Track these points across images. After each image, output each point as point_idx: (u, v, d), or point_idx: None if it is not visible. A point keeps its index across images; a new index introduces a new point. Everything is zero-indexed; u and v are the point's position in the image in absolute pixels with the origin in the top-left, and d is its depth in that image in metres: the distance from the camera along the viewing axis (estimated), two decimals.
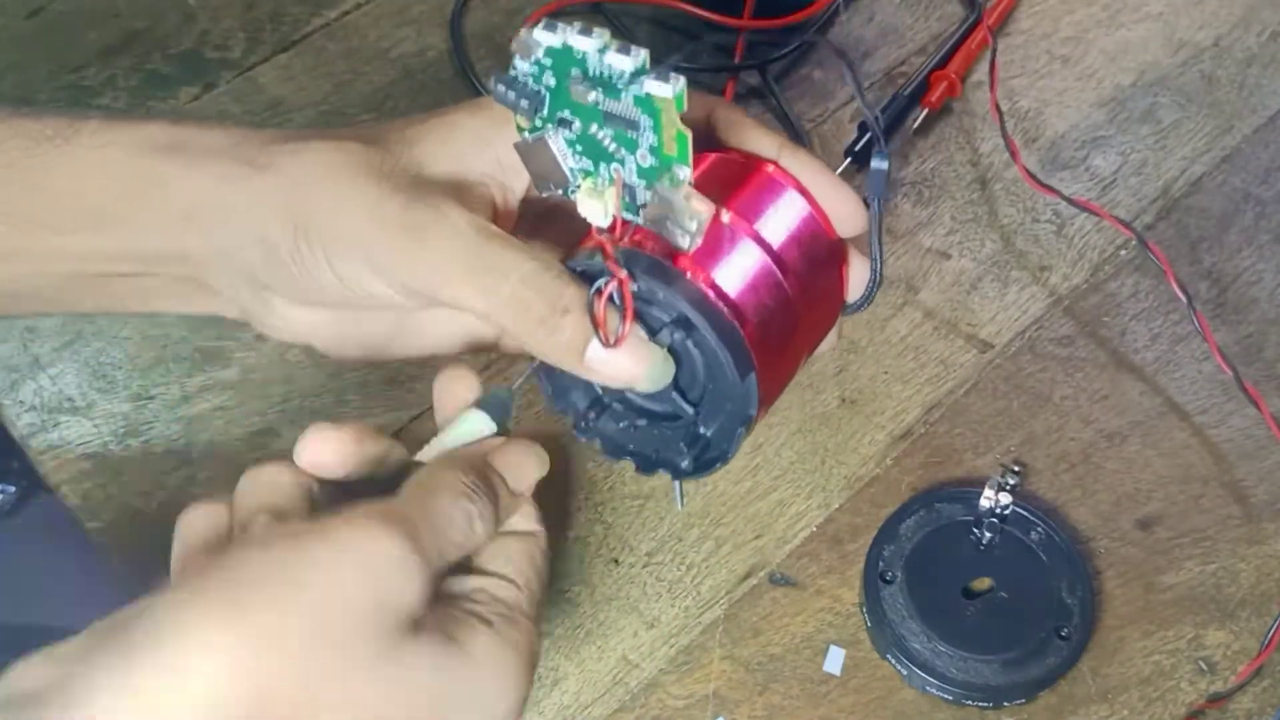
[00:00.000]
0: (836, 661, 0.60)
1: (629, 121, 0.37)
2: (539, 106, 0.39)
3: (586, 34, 0.37)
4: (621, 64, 0.37)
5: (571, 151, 0.40)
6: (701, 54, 0.80)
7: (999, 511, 0.61)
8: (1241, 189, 0.75)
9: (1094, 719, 0.59)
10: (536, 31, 0.38)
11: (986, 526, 0.61)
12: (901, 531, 0.62)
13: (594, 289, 0.40)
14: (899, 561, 0.61)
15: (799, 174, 0.43)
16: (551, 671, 0.60)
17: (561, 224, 0.44)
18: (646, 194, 0.39)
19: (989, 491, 0.60)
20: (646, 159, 0.38)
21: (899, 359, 0.69)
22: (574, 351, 0.40)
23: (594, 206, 0.39)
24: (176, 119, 0.44)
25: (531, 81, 0.39)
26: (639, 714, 0.59)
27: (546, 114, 0.39)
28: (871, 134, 0.73)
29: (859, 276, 0.45)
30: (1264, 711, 0.59)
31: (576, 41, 0.37)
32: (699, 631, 0.61)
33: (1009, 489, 0.60)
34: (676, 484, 0.62)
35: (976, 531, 0.62)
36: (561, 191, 0.41)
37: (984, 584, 0.61)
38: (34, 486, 0.87)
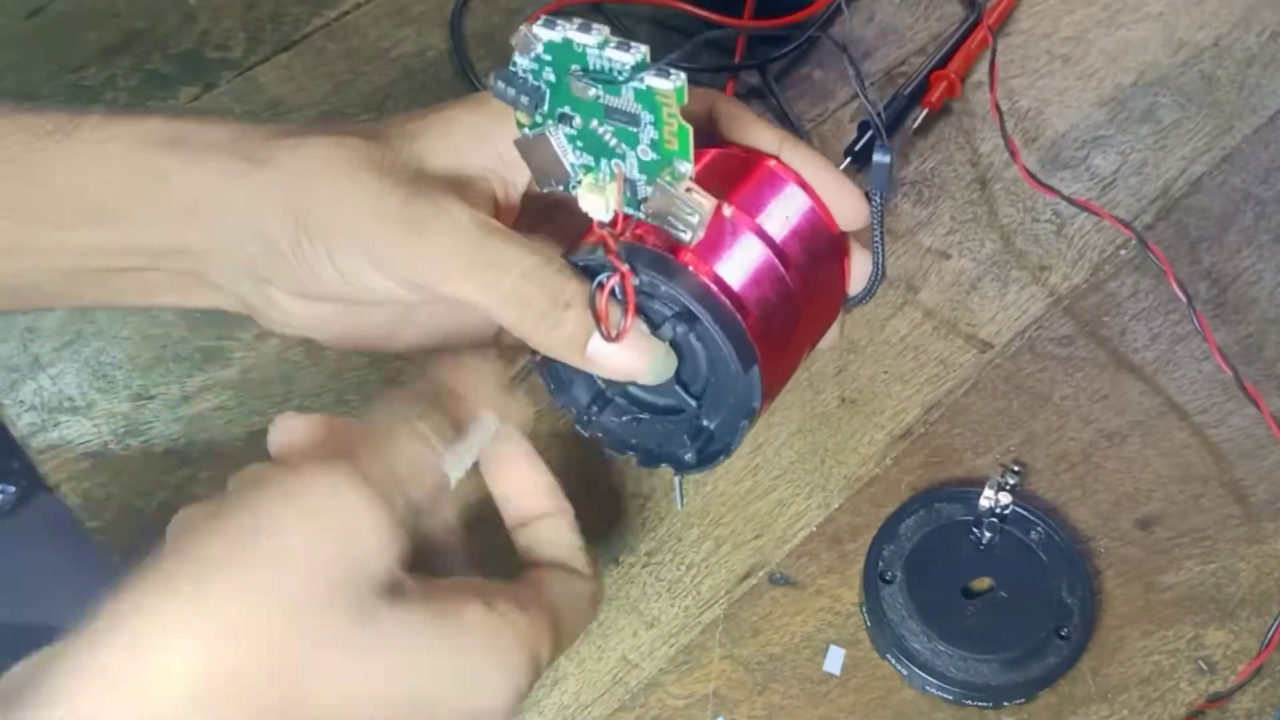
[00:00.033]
0: (836, 661, 0.60)
1: (630, 116, 0.38)
2: (539, 102, 0.39)
3: (586, 30, 0.37)
4: (622, 59, 0.37)
5: (572, 147, 0.40)
6: (701, 53, 0.80)
7: (999, 511, 0.61)
8: (1241, 189, 0.75)
9: (1094, 719, 0.59)
10: (536, 27, 0.38)
11: (986, 526, 0.61)
12: (901, 531, 0.62)
13: (596, 283, 0.40)
14: (899, 561, 0.61)
15: (801, 168, 0.44)
16: (551, 671, 0.60)
17: (563, 219, 0.44)
18: (648, 188, 0.39)
19: (989, 491, 0.60)
20: (647, 153, 0.38)
21: (899, 359, 0.69)
22: (576, 346, 0.40)
23: (595, 201, 0.40)
24: (177, 113, 0.44)
25: (531, 77, 0.39)
26: (639, 714, 0.59)
27: (547, 110, 0.39)
28: (873, 128, 0.73)
29: (861, 270, 0.45)
30: (1264, 711, 0.59)
31: (576, 37, 0.37)
32: (699, 631, 0.61)
33: (1009, 489, 0.60)
34: (676, 482, 0.62)
35: (976, 531, 0.62)
36: (562, 187, 0.41)
37: (984, 584, 0.61)
38: (34, 486, 0.87)
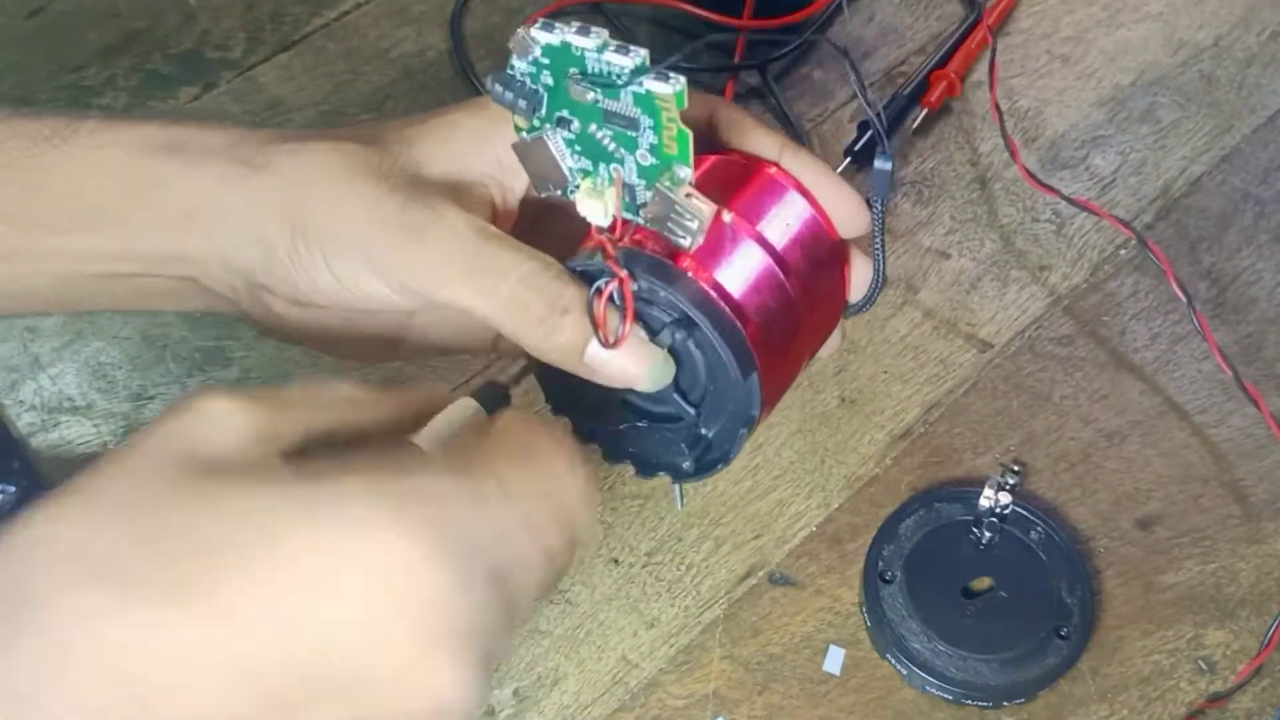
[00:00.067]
0: (836, 661, 0.60)
1: (629, 120, 0.37)
2: (537, 106, 0.39)
3: (585, 33, 0.37)
4: (621, 62, 0.36)
5: (570, 151, 0.40)
6: (701, 54, 0.80)
7: (999, 511, 0.61)
8: (1241, 189, 0.75)
9: (1094, 719, 0.59)
10: (534, 30, 0.37)
11: (986, 526, 0.61)
12: (901, 531, 0.62)
13: (594, 289, 0.40)
14: (899, 561, 0.61)
15: (801, 175, 0.43)
16: (552, 671, 0.60)
17: (561, 224, 0.44)
18: (647, 194, 0.39)
19: (989, 491, 0.60)
20: (646, 158, 0.38)
21: (898, 359, 0.69)
22: (573, 352, 0.40)
23: (594, 206, 0.39)
24: (175, 119, 0.44)
25: (529, 81, 0.39)
26: (639, 714, 0.59)
27: (545, 113, 0.39)
28: (874, 134, 0.73)
29: (861, 277, 0.45)
30: (1264, 711, 0.59)
31: (575, 40, 0.37)
32: (699, 631, 0.61)
33: (1009, 489, 0.60)
34: (676, 484, 0.62)
35: (976, 531, 0.62)
36: (560, 192, 0.41)
37: (984, 584, 0.61)
38: (34, 486, 0.87)
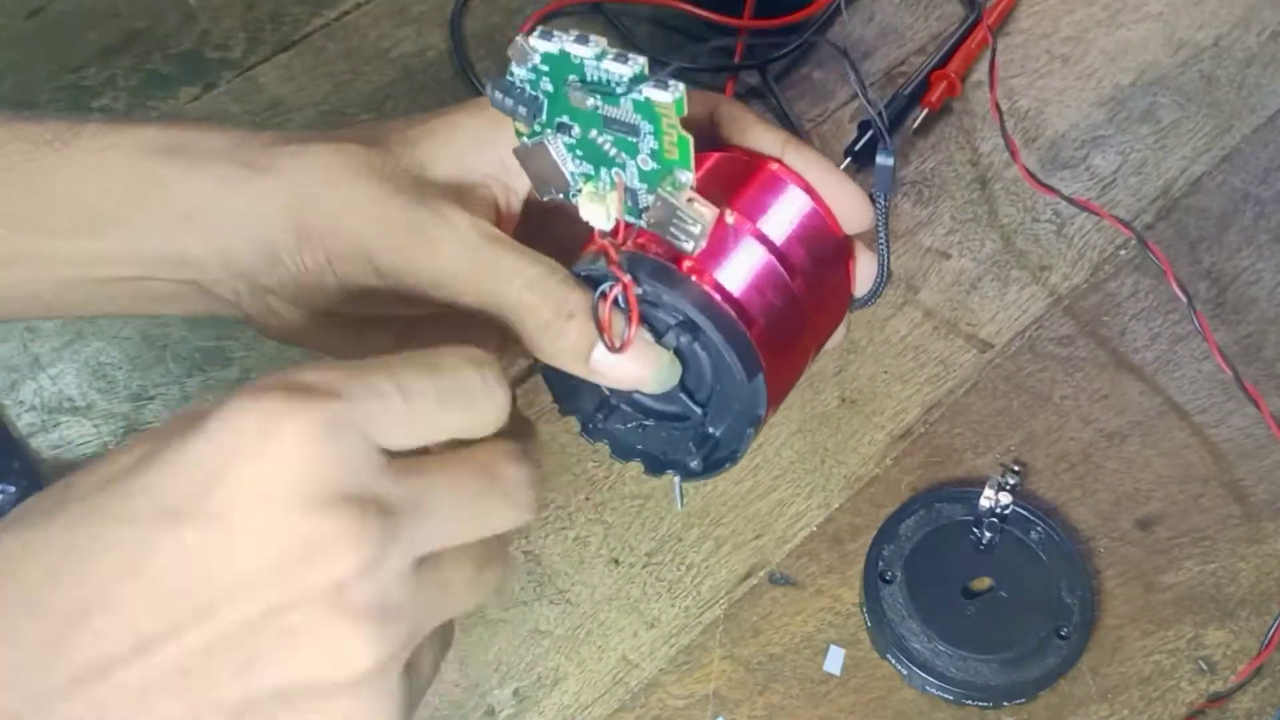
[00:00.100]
0: (836, 661, 0.60)
1: (629, 126, 0.37)
2: (537, 112, 0.39)
3: (583, 41, 0.37)
4: (620, 70, 0.36)
5: (571, 155, 0.40)
6: (701, 54, 0.80)
7: (999, 511, 0.61)
8: (1241, 189, 0.75)
9: (1094, 719, 0.59)
10: (532, 39, 0.37)
11: (986, 526, 0.61)
12: (901, 531, 0.62)
13: (598, 293, 0.40)
14: (899, 561, 0.61)
15: (804, 170, 0.43)
16: (552, 671, 0.60)
17: (564, 225, 0.44)
18: (649, 198, 0.39)
19: (989, 491, 0.60)
20: (648, 163, 0.38)
21: (899, 359, 0.69)
22: (579, 356, 0.40)
23: (596, 210, 0.39)
24: (176, 120, 0.44)
25: (529, 87, 0.39)
26: (639, 714, 0.59)
27: (545, 119, 0.39)
28: (875, 130, 0.73)
29: (865, 272, 0.45)
30: (1264, 711, 0.59)
31: (573, 49, 0.37)
32: (699, 631, 0.61)
33: (1009, 489, 0.61)
34: (676, 483, 0.62)
35: (976, 531, 0.62)
36: (563, 195, 0.41)
37: (984, 584, 0.61)
38: (34, 486, 0.87)
